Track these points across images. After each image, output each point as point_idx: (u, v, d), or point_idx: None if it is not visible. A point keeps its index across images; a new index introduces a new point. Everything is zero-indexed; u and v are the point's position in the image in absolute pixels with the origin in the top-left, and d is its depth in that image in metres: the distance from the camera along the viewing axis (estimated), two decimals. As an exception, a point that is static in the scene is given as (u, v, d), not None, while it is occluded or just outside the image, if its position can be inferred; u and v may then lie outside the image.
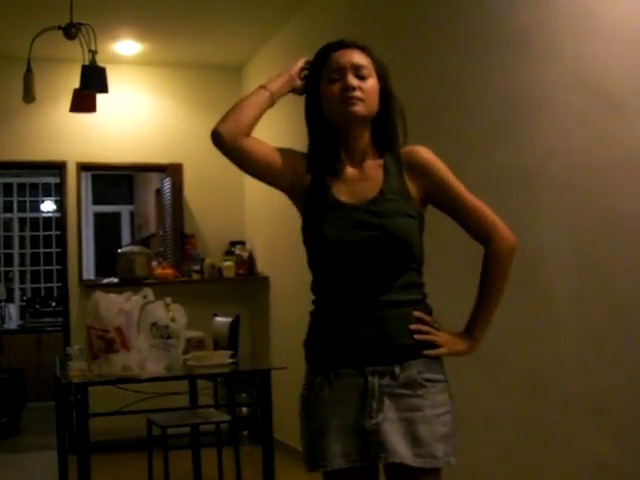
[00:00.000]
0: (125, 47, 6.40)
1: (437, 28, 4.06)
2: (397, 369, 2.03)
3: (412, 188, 2.12)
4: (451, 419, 2.07)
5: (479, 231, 2.16)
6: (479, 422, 3.71)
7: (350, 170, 2.14)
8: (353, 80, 2.08)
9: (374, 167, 2.14)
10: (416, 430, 2.01)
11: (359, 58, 2.12)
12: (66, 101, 5.19)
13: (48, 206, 10.70)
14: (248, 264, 6.81)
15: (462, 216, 2.16)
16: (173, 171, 6.94)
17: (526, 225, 3.36)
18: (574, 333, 3.16)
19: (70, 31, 4.62)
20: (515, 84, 3.48)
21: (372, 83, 2.11)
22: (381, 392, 2.03)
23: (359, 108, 2.08)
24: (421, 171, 2.13)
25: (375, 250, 2.04)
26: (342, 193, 2.11)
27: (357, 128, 2.13)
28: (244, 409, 6.34)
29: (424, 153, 2.15)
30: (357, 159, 2.15)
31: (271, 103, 2.16)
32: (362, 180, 2.13)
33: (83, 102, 5.02)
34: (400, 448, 2.00)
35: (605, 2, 2.99)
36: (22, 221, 10.60)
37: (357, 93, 2.08)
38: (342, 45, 2.14)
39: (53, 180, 9.74)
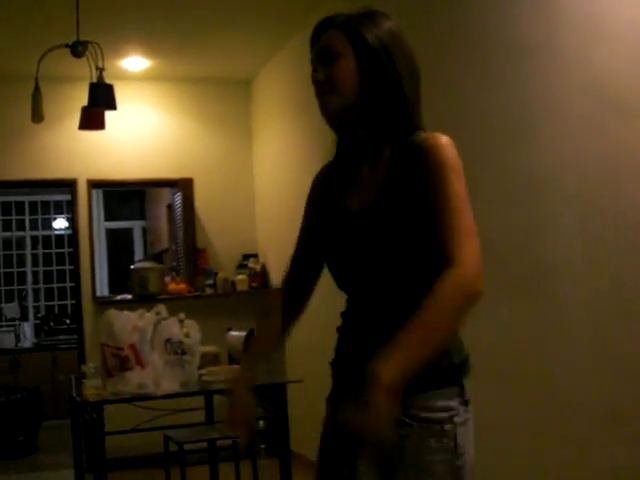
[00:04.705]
0: (132, 63, 6.41)
1: (443, 39, 4.05)
2: None
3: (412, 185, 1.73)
4: (451, 470, 1.71)
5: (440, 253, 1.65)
6: (493, 429, 3.67)
7: (365, 167, 1.84)
8: (316, 72, 1.79)
9: (385, 163, 1.78)
10: (391, 479, 1.72)
11: (324, 40, 1.79)
12: (75, 119, 5.19)
13: (60, 223, 10.73)
14: (261, 277, 6.80)
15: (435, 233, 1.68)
16: (184, 186, 6.95)
17: (538, 234, 3.34)
18: (588, 340, 3.13)
19: (77, 49, 4.62)
20: (521, 93, 3.46)
21: (340, 64, 1.75)
22: None
23: (327, 103, 1.78)
24: (414, 160, 1.72)
25: (364, 266, 1.77)
26: (352, 195, 1.84)
27: (350, 122, 1.81)
28: (261, 422, 6.32)
29: (430, 141, 1.72)
30: (370, 154, 1.82)
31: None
32: (370, 180, 1.80)
33: (92, 119, 5.02)
34: None
35: (610, 8, 2.97)
36: (34, 239, 10.62)
37: (322, 87, 1.78)
38: (314, 34, 1.85)
39: (64, 197, 9.76)
